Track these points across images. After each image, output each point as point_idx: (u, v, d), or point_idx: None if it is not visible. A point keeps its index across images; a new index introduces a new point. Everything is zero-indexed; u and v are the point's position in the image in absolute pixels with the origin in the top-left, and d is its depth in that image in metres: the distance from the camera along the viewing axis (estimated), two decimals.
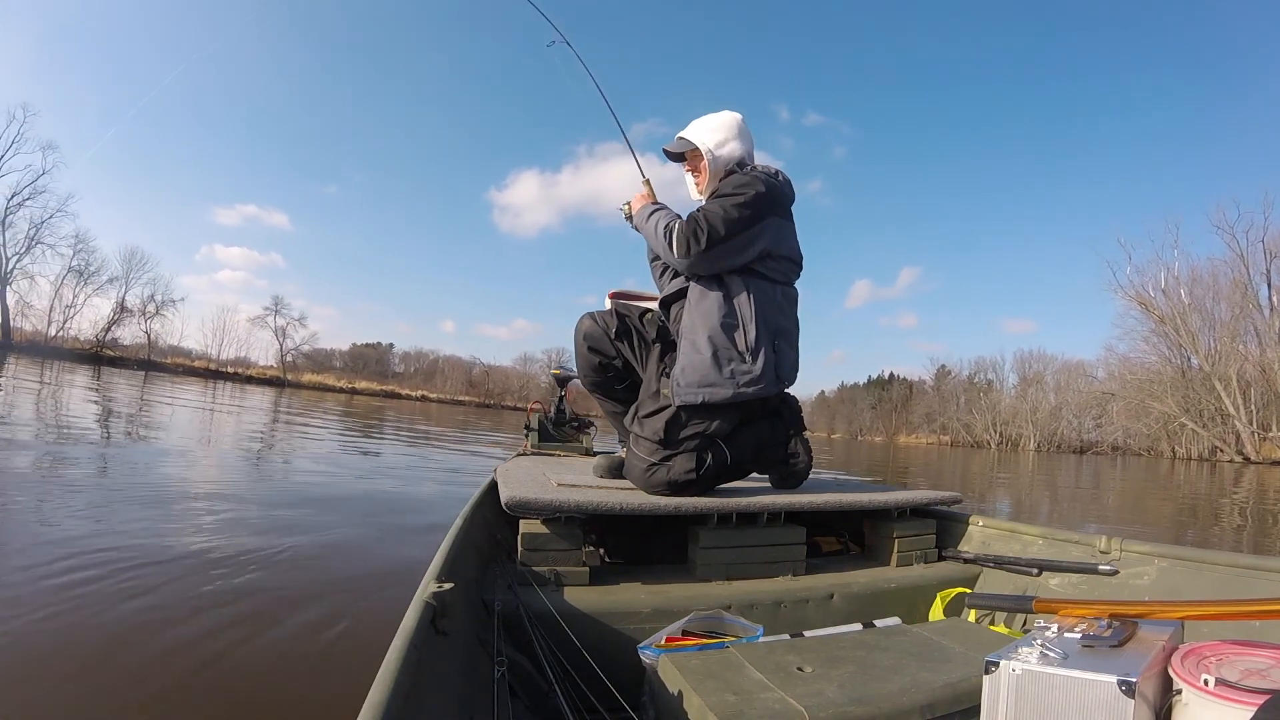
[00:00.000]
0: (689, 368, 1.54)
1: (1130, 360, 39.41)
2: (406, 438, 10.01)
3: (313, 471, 4.98)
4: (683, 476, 1.49)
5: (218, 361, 50.23)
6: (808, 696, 0.86)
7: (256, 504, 3.33)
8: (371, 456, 6.76)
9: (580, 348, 1.79)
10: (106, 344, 40.80)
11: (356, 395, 44.58)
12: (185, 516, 2.85)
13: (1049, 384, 52.40)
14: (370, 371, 64.07)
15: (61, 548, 2.15)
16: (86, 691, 1.31)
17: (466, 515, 1.40)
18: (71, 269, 39.13)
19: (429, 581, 0.90)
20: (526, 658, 1.04)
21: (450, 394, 61.31)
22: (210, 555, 2.24)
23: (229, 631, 1.62)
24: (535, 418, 2.99)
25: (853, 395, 71.95)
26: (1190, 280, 35.88)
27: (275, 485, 4.18)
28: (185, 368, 43.86)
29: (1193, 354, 35.36)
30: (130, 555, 2.13)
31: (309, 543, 2.55)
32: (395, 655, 0.66)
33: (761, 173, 1.63)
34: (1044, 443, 48.83)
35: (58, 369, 20.76)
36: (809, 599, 1.37)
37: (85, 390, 12.38)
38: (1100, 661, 0.80)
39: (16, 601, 1.68)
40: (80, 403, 9.41)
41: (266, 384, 42.45)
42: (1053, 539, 1.56)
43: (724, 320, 1.55)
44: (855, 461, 14.80)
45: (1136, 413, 38.01)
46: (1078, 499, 8.22)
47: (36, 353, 33.43)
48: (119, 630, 1.57)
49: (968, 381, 59.13)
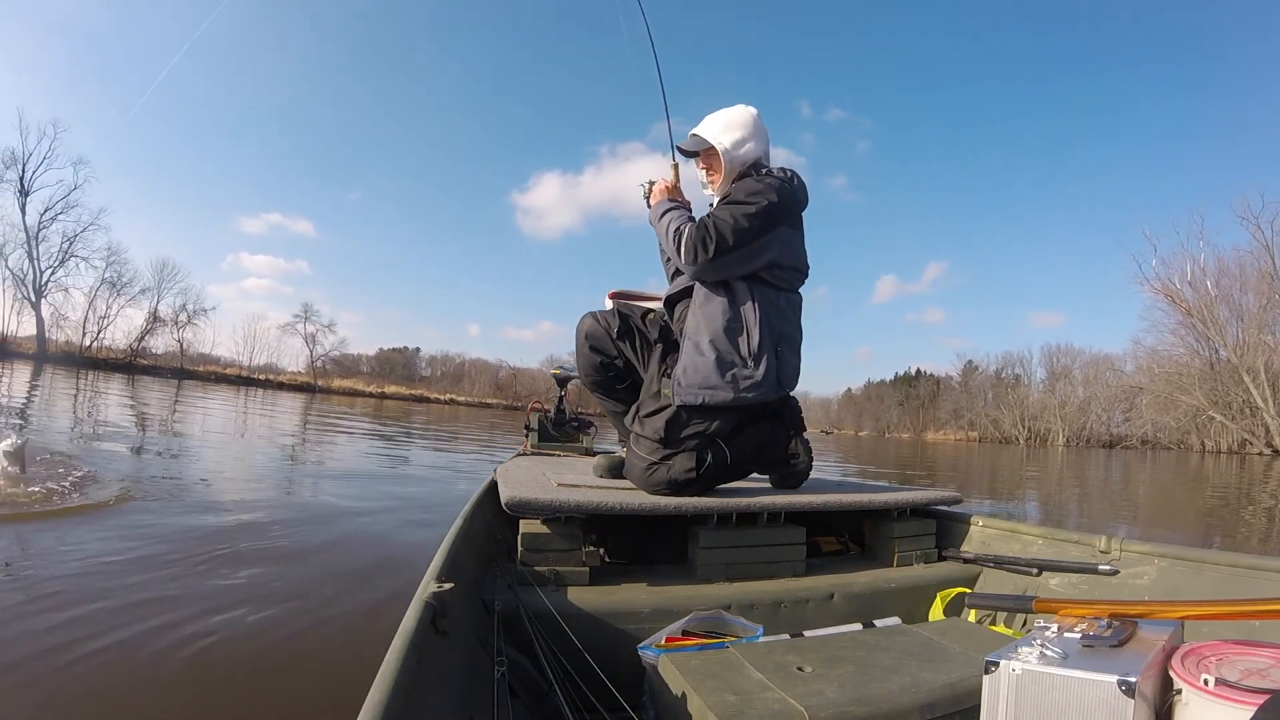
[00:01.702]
0: (691, 369, 1.54)
1: (1158, 353, 39.32)
2: (469, 437, 10.68)
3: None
4: (683, 476, 1.49)
5: (249, 369, 51.14)
6: (808, 696, 0.86)
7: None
8: (445, 453, 7.72)
9: (582, 347, 1.79)
10: (139, 353, 41.84)
11: (386, 399, 45.20)
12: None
13: (1077, 378, 52.31)
14: (397, 376, 64.63)
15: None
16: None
17: (466, 515, 1.39)
18: (105, 280, 40.34)
19: (429, 581, 0.90)
20: (526, 658, 1.04)
21: (478, 397, 61.82)
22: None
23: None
24: (535, 418, 2.99)
25: (879, 392, 71.82)
26: (1216, 271, 35.81)
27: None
28: (218, 375, 44.60)
29: (1220, 346, 35.19)
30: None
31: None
32: (395, 655, 0.66)
33: (776, 178, 1.60)
34: (1073, 438, 48.63)
35: (93, 378, 21.17)
36: (809, 599, 1.37)
37: (156, 398, 12.93)
38: (1100, 661, 0.80)
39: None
40: (160, 410, 9.88)
41: (297, 390, 43.21)
42: (1053, 539, 1.56)
43: (728, 325, 1.55)
44: (882, 460, 14.36)
45: (1165, 406, 37.83)
46: (1106, 496, 8.13)
47: (71, 363, 34.18)
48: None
49: (995, 377, 59.00)
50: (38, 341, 37.82)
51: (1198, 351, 36.80)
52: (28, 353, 35.87)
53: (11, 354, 33.58)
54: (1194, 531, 5.21)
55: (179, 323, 44.82)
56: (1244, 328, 34.50)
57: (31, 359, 33.16)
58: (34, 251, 37.47)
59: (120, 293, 41.21)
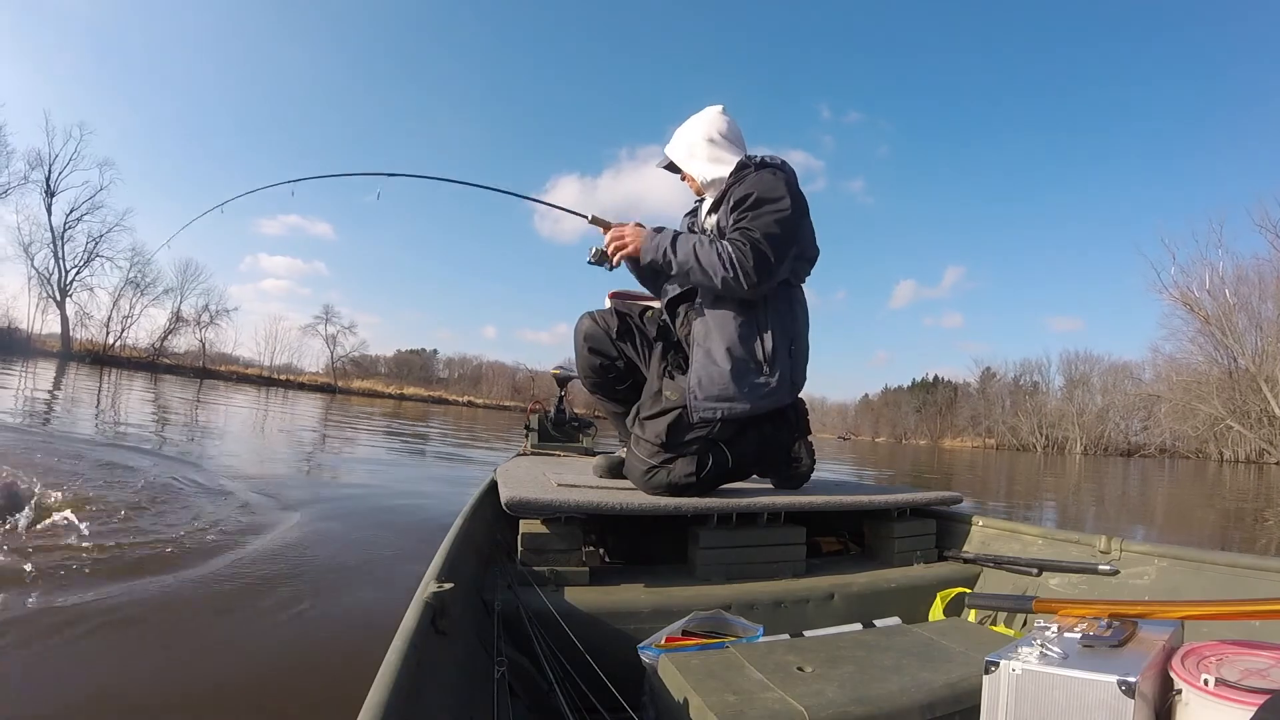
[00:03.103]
0: (706, 380, 1.50)
1: (1176, 361, 39.33)
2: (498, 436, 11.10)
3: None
4: (683, 480, 1.48)
5: (270, 369, 51.73)
6: (808, 696, 0.86)
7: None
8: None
9: (580, 348, 1.78)
10: (162, 352, 42.47)
11: (405, 400, 45.58)
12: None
13: (1095, 385, 52.31)
14: (415, 377, 65.11)
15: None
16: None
17: (466, 515, 1.39)
18: (129, 280, 40.90)
19: (429, 581, 0.89)
20: (526, 658, 1.04)
21: (496, 399, 62.09)
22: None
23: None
24: (535, 418, 2.99)
25: (896, 398, 71.94)
26: (1235, 279, 35.80)
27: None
28: (239, 375, 44.95)
29: (1239, 354, 35.14)
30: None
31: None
32: (395, 655, 0.66)
33: (778, 172, 1.55)
34: (1090, 445, 48.63)
35: (117, 376, 21.38)
36: (809, 599, 1.37)
37: (180, 399, 12.87)
38: (1100, 661, 0.80)
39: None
40: (190, 409, 9.99)
41: (318, 390, 43.56)
42: (1053, 539, 1.56)
43: (741, 329, 1.51)
44: (898, 467, 13.92)
45: (1183, 414, 37.85)
46: (1125, 506, 8.04)
47: (95, 361, 34.68)
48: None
49: (1013, 384, 58.97)
50: (62, 340, 38.23)
51: (1216, 360, 36.83)
52: (51, 350, 36.22)
53: (35, 351, 33.93)
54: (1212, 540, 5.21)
55: (201, 323, 45.31)
56: (1263, 336, 34.54)
57: (55, 356, 33.46)
58: (59, 251, 38.17)
59: (144, 292, 41.86)
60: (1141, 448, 44.71)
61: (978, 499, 7.14)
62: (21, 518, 2.15)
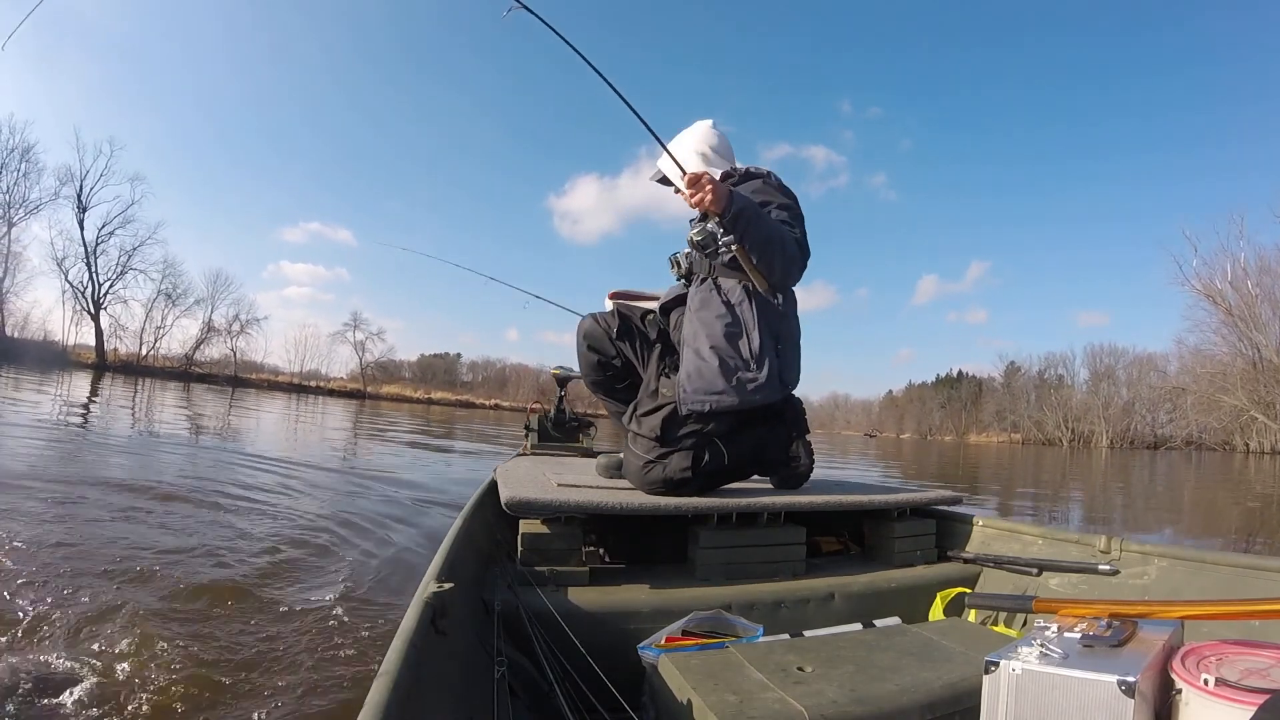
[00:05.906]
0: (694, 375, 1.53)
1: (1201, 353, 39.13)
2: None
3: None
4: (679, 474, 1.49)
5: (300, 376, 52.66)
6: (808, 696, 0.86)
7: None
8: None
9: (581, 347, 1.80)
10: (194, 361, 43.54)
11: (433, 405, 46.45)
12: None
13: (1120, 379, 52.00)
14: (439, 381, 65.63)
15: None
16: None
17: (466, 515, 1.39)
18: (161, 292, 42.36)
19: (429, 581, 0.90)
20: (526, 658, 1.04)
21: (521, 402, 62.15)
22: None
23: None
24: (535, 418, 2.99)
25: (921, 395, 71.41)
26: (1258, 270, 35.67)
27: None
28: (270, 383, 45.85)
29: (1263, 346, 35.00)
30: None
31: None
32: (395, 655, 0.66)
33: (771, 179, 1.66)
34: (1116, 439, 48.30)
35: (151, 385, 21.85)
36: (809, 599, 1.37)
37: (230, 409, 13.36)
38: (1100, 661, 0.80)
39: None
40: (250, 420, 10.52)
41: (347, 396, 44.62)
42: (1053, 539, 1.56)
43: (727, 329, 1.54)
44: (923, 465, 13.48)
45: (1208, 406, 37.67)
46: (1152, 505, 7.94)
47: (130, 372, 35.59)
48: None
49: (1038, 378, 58.41)
50: (96, 351, 39.15)
51: (1240, 351, 36.67)
52: (86, 362, 36.86)
53: (70, 363, 34.64)
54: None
55: (232, 332, 46.51)
56: None
57: (90, 368, 34.02)
58: (93, 265, 39.37)
59: (176, 303, 43.28)
60: (1168, 440, 44.36)
61: (1005, 499, 7.10)
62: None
